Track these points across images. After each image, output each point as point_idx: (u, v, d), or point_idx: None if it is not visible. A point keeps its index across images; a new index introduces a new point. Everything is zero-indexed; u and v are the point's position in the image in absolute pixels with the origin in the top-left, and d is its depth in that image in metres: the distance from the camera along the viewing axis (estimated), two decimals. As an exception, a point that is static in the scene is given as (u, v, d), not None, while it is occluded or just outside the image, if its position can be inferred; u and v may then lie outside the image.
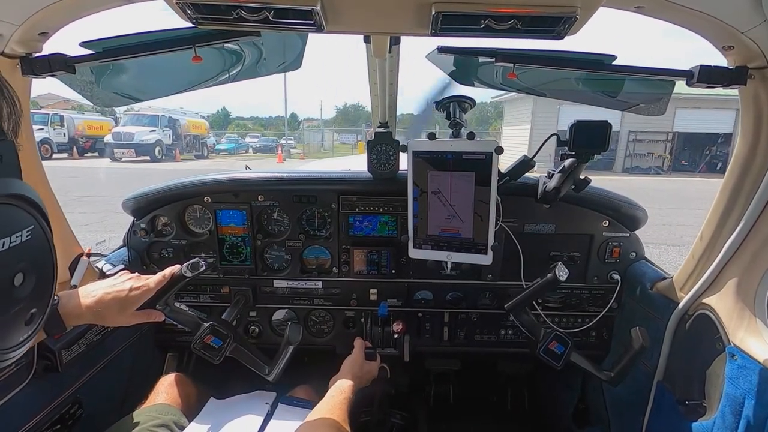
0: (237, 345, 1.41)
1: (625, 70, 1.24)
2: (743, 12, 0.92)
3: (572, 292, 1.80)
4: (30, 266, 0.42)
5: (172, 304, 1.41)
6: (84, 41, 1.15)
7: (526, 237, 1.71)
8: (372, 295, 1.84)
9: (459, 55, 1.36)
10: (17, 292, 0.40)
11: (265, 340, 1.92)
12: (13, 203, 0.42)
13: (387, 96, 1.59)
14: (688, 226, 8.51)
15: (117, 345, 1.64)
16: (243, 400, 1.54)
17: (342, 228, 1.79)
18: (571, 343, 1.38)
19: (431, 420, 2.26)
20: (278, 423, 1.40)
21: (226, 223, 1.80)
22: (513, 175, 1.57)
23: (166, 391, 1.48)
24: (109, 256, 1.72)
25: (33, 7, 0.97)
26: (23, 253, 0.41)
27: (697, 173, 20.29)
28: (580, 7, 0.83)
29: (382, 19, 0.98)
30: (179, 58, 1.25)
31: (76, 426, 1.39)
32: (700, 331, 1.31)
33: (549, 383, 2.34)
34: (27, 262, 0.42)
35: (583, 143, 1.34)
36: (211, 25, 0.93)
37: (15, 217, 0.41)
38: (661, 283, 1.54)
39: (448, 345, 1.91)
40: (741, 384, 1.11)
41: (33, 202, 0.44)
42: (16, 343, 0.39)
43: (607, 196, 1.69)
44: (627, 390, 1.63)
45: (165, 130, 23.72)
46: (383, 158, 1.68)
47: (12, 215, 0.41)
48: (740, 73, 1.08)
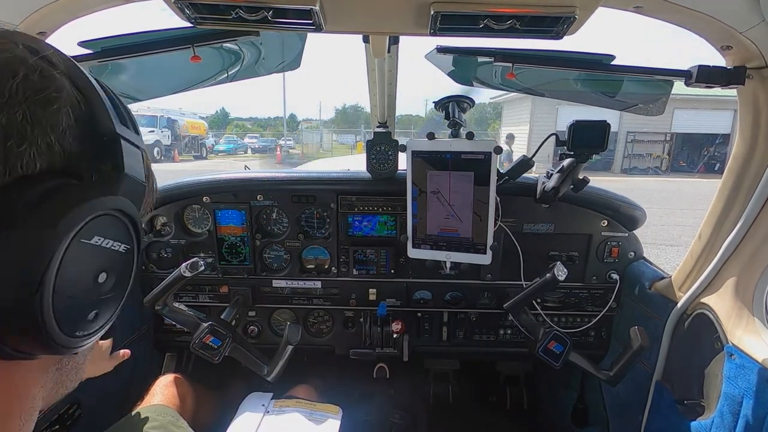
0: (236, 345, 1.41)
1: (623, 69, 1.24)
2: (742, 12, 0.93)
3: (571, 292, 1.81)
4: (114, 275, 0.45)
5: (171, 304, 1.41)
6: (82, 41, 1.14)
7: (525, 237, 1.71)
8: (371, 295, 1.84)
9: (458, 54, 1.36)
10: (97, 287, 0.43)
11: (264, 340, 1.92)
12: (128, 224, 0.46)
13: (386, 96, 1.59)
14: (686, 226, 8.53)
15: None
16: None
17: (341, 228, 1.79)
18: (570, 343, 1.38)
19: (430, 420, 2.26)
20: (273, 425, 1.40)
21: (225, 223, 1.80)
22: (512, 175, 1.57)
23: (163, 392, 1.48)
24: (108, 256, 1.71)
25: (31, 7, 0.97)
26: (114, 260, 0.44)
27: (695, 174, 20.30)
28: (579, 7, 0.83)
29: (380, 19, 0.98)
30: (178, 58, 1.25)
31: (74, 426, 1.39)
32: (699, 330, 1.32)
33: (548, 383, 2.34)
34: (113, 270, 0.45)
35: (581, 143, 1.34)
36: (210, 24, 0.93)
37: (122, 230, 0.45)
38: (660, 282, 1.55)
39: (447, 345, 1.91)
40: (739, 383, 1.11)
41: (140, 235, 0.48)
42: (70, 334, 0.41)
43: (606, 196, 1.70)
44: (626, 389, 1.63)
45: (163, 131, 23.67)
46: (382, 158, 1.68)
47: (121, 227, 0.45)
48: (738, 73, 1.09)
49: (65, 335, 0.40)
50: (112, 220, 0.43)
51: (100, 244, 0.41)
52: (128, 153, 0.45)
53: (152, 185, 0.58)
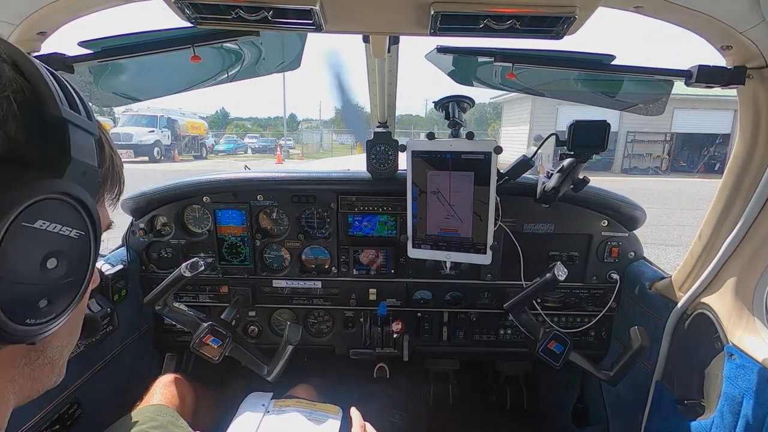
0: (236, 345, 1.41)
1: (623, 69, 1.24)
2: (742, 12, 0.93)
3: (571, 292, 1.81)
4: (66, 261, 0.44)
5: (171, 304, 1.41)
6: (82, 41, 1.14)
7: (525, 237, 1.71)
8: (371, 294, 1.84)
9: (458, 54, 1.36)
10: (46, 273, 0.42)
11: (264, 340, 1.92)
12: (79, 208, 0.45)
13: (386, 96, 1.59)
14: (686, 227, 8.53)
15: (116, 345, 1.64)
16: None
17: (341, 228, 1.79)
18: (570, 343, 1.38)
19: (430, 420, 2.26)
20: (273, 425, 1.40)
21: (225, 222, 1.80)
22: (512, 175, 1.57)
23: (162, 392, 1.47)
24: (108, 257, 1.72)
25: (31, 7, 0.97)
26: (65, 246, 0.44)
27: (695, 174, 20.31)
28: (579, 7, 0.83)
29: (381, 19, 0.98)
30: (178, 58, 1.25)
31: (74, 426, 1.39)
32: (699, 330, 1.32)
33: (548, 383, 2.34)
34: (65, 256, 0.44)
35: (581, 143, 1.34)
36: (210, 24, 0.93)
37: (72, 215, 0.44)
38: (660, 282, 1.55)
39: (447, 345, 1.91)
40: (739, 383, 1.11)
41: (94, 221, 0.47)
42: (18, 321, 0.40)
43: (606, 196, 1.70)
44: (626, 389, 1.63)
45: (164, 131, 23.66)
46: (382, 158, 1.68)
47: (70, 212, 0.44)
48: (739, 73, 1.09)
49: (14, 323, 0.39)
50: (59, 204, 0.42)
51: (45, 228, 0.41)
52: (77, 137, 0.45)
53: (114, 173, 0.57)
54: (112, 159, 0.56)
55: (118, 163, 0.58)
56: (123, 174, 0.60)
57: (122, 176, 0.60)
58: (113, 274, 1.62)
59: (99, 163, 0.51)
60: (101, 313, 1.51)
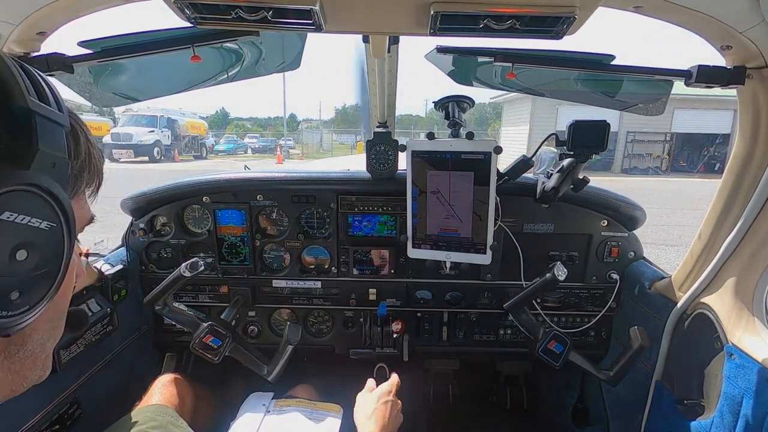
0: (236, 345, 1.41)
1: (623, 69, 1.24)
2: (741, 12, 0.93)
3: (571, 292, 1.81)
4: (36, 252, 0.44)
5: (170, 304, 1.41)
6: (82, 41, 1.14)
7: (525, 237, 1.71)
8: (371, 294, 1.84)
9: (458, 54, 1.36)
10: (15, 264, 0.42)
11: (264, 340, 1.92)
12: (49, 199, 0.44)
13: (386, 96, 1.59)
14: (686, 227, 8.53)
15: (116, 345, 1.64)
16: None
17: (341, 228, 1.79)
18: (570, 343, 1.38)
19: (430, 420, 2.26)
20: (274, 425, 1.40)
21: (225, 222, 1.80)
22: (512, 175, 1.57)
23: (161, 392, 1.47)
24: (108, 257, 1.72)
25: (31, 7, 0.97)
26: (34, 237, 0.43)
27: (695, 174, 20.31)
28: (579, 6, 0.83)
29: (380, 19, 0.98)
30: (178, 58, 1.25)
31: (74, 426, 1.39)
32: (699, 330, 1.32)
33: (548, 383, 2.34)
34: (35, 248, 0.43)
35: (581, 143, 1.34)
36: (210, 24, 0.93)
37: (41, 207, 0.44)
38: (660, 282, 1.55)
39: (447, 345, 1.91)
40: (739, 383, 1.11)
41: (66, 212, 0.47)
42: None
43: (606, 196, 1.70)
44: (626, 389, 1.63)
45: (164, 131, 23.68)
46: (382, 158, 1.68)
47: (38, 203, 0.43)
48: (738, 73, 1.09)
49: None
50: (27, 195, 0.42)
51: (12, 220, 0.41)
52: (44, 129, 0.44)
53: (92, 166, 0.57)
54: (89, 152, 0.56)
55: (96, 156, 0.58)
56: (102, 167, 0.59)
57: (101, 169, 0.59)
58: (113, 274, 1.62)
59: (73, 155, 0.50)
60: (101, 313, 1.51)
